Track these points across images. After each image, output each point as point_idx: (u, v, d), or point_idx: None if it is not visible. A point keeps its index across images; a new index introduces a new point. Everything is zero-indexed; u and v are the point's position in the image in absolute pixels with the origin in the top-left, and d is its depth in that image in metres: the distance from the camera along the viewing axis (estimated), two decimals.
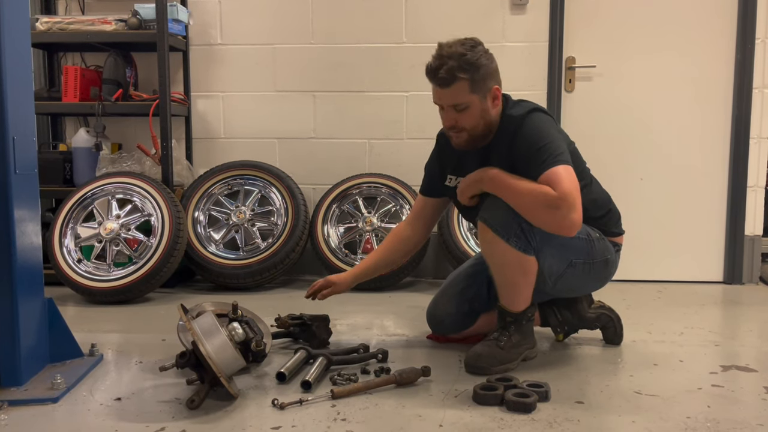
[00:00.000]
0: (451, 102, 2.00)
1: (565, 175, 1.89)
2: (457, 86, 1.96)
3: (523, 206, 1.93)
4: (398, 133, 3.66)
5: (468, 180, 2.06)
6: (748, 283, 3.57)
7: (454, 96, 1.98)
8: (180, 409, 1.76)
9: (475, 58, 1.96)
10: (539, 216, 1.91)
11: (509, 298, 2.10)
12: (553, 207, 1.86)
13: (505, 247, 1.97)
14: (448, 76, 1.95)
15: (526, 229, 1.96)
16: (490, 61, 2.01)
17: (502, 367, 2.05)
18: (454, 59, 1.94)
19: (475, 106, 2.00)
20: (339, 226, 3.54)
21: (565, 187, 1.86)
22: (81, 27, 3.39)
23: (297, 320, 2.35)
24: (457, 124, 2.03)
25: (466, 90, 1.97)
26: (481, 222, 2.00)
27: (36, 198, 2.04)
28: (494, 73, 2.03)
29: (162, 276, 3.12)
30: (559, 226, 1.90)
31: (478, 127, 2.03)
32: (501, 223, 1.96)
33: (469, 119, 2.01)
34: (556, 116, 3.54)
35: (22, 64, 1.97)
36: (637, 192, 3.58)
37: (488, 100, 2.02)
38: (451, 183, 2.24)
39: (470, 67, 1.95)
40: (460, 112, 2.00)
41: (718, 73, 3.52)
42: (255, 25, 3.68)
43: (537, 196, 1.88)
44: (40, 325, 2.03)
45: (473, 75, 1.96)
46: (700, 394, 1.90)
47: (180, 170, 3.55)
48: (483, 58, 1.98)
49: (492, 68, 2.01)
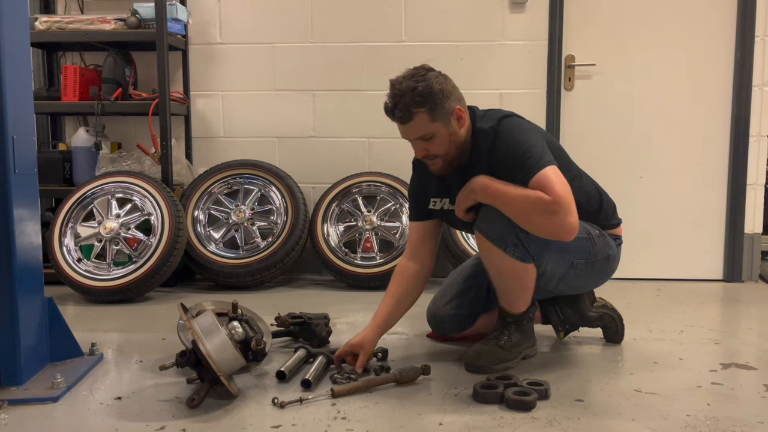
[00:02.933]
0: (416, 135, 1.97)
1: (555, 177, 1.87)
2: (416, 120, 1.93)
3: (518, 214, 1.89)
4: (398, 131, 3.64)
5: (461, 194, 2.02)
6: (747, 281, 3.57)
7: (416, 130, 1.95)
8: (180, 408, 1.77)
9: (428, 88, 1.90)
10: (536, 223, 1.88)
11: (509, 302, 2.10)
12: (549, 212, 1.84)
13: (503, 257, 1.96)
14: (404, 113, 1.92)
15: (523, 238, 1.93)
16: (444, 84, 1.94)
17: (502, 365, 2.05)
18: (407, 95, 1.91)
19: (441, 133, 1.96)
20: (339, 225, 3.54)
21: (557, 190, 1.84)
22: (80, 26, 3.39)
23: (297, 319, 2.35)
24: (429, 152, 2.00)
25: (426, 121, 1.93)
26: (478, 232, 1.99)
27: (36, 197, 2.05)
28: (451, 94, 1.95)
29: (162, 275, 3.12)
30: (558, 231, 1.87)
31: (450, 151, 2.00)
32: (498, 233, 1.94)
33: (438, 146, 1.98)
34: (555, 115, 3.54)
35: (22, 63, 1.97)
36: (637, 190, 3.58)
37: (453, 123, 1.97)
38: (435, 206, 2.18)
39: (424, 98, 1.90)
40: (428, 141, 1.97)
41: (717, 71, 3.52)
42: (254, 24, 3.67)
43: (532, 202, 1.85)
44: (40, 325, 2.03)
45: (429, 105, 1.91)
46: (699, 392, 1.90)
47: (180, 169, 3.55)
48: (435, 84, 1.91)
49: (447, 91, 1.94)
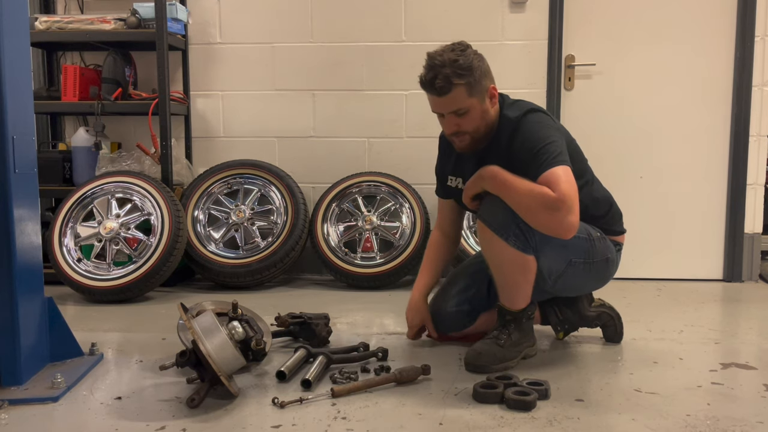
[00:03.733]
0: (451, 109, 1.99)
1: (563, 176, 1.89)
2: (455, 93, 1.96)
3: (521, 206, 1.92)
4: (398, 131, 3.66)
5: (470, 180, 2.05)
6: (747, 280, 3.57)
7: (453, 103, 1.98)
8: (180, 408, 1.77)
9: (468, 61, 1.95)
10: (537, 217, 1.90)
11: (509, 296, 2.10)
12: (551, 208, 1.85)
13: (504, 247, 1.98)
14: (445, 84, 1.94)
15: (524, 228, 1.95)
16: (481, 62, 2.00)
17: (501, 365, 2.05)
18: (447, 66, 1.93)
19: (475, 108, 2.00)
20: (339, 225, 3.54)
21: (563, 188, 1.86)
22: (80, 26, 3.39)
23: (297, 319, 2.35)
24: (460, 129, 2.03)
25: (464, 95, 1.97)
26: (480, 221, 2.01)
27: (36, 197, 2.04)
28: (488, 73, 2.02)
29: (162, 275, 3.12)
30: (556, 228, 1.89)
31: (480, 128, 2.04)
32: (500, 222, 1.96)
33: (470, 122, 2.01)
34: (555, 115, 3.54)
35: (22, 63, 1.97)
36: (636, 190, 3.58)
37: (486, 101, 2.02)
38: (452, 183, 2.25)
39: (465, 71, 1.94)
40: (461, 116, 2.00)
41: (717, 70, 3.52)
42: (254, 24, 3.67)
43: (536, 196, 1.87)
44: (40, 325, 2.03)
45: (469, 79, 1.95)
46: (699, 391, 1.90)
47: (179, 169, 3.55)
48: (475, 60, 1.97)
49: (485, 68, 2.01)
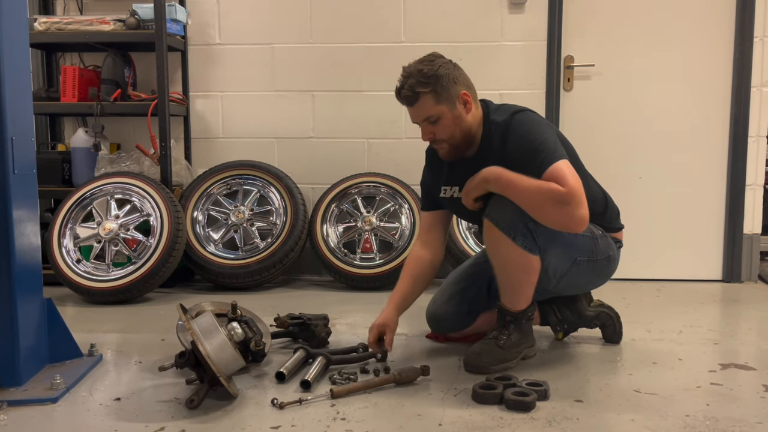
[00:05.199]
0: (422, 117, 2.04)
1: (568, 170, 1.90)
2: (422, 101, 2.01)
3: (531, 203, 1.92)
4: (397, 132, 3.66)
5: (473, 181, 2.03)
6: (746, 281, 3.57)
7: (422, 110, 2.03)
8: (179, 409, 1.76)
9: (434, 69, 2.00)
10: (548, 213, 1.91)
11: (510, 297, 2.10)
12: (562, 203, 1.87)
13: (511, 246, 1.97)
14: (411, 93, 2.00)
15: (532, 228, 1.95)
16: (451, 70, 2.02)
17: (501, 366, 2.05)
18: (412, 77, 2.00)
19: (446, 115, 2.03)
20: (338, 226, 3.54)
21: (571, 182, 1.87)
22: (79, 27, 3.39)
23: (296, 320, 2.35)
24: (436, 136, 2.07)
25: (431, 102, 2.01)
26: (487, 220, 1.99)
27: (35, 198, 2.04)
28: (458, 80, 2.03)
29: (161, 276, 3.12)
30: (568, 222, 1.90)
31: (455, 135, 2.06)
32: (508, 221, 1.95)
33: (444, 129, 2.05)
34: (554, 115, 3.55)
35: (21, 64, 1.97)
36: (636, 190, 3.58)
37: (458, 107, 2.03)
38: (446, 194, 2.23)
39: (429, 79, 1.99)
40: (434, 124, 2.04)
41: (716, 71, 3.52)
42: (253, 25, 3.67)
43: (545, 192, 1.88)
44: (39, 326, 2.03)
45: (435, 86, 1.99)
46: (699, 392, 1.90)
47: (179, 170, 3.55)
48: (442, 68, 2.01)
49: (454, 75, 2.03)
